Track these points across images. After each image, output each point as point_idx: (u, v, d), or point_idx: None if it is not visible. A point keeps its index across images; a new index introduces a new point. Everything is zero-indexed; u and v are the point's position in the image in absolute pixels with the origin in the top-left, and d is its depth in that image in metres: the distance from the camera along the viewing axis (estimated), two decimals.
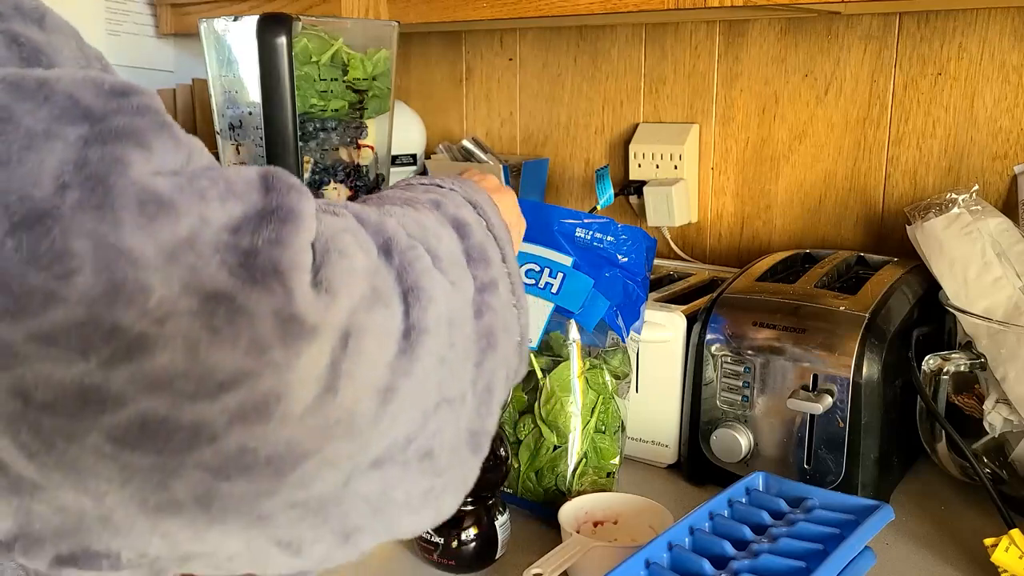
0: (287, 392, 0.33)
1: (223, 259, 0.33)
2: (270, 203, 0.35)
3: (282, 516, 0.35)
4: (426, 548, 0.76)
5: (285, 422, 0.33)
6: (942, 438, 0.82)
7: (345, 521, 0.38)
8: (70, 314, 0.30)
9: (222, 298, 0.32)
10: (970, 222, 0.86)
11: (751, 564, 0.64)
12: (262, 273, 0.33)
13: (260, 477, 0.33)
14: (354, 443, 0.35)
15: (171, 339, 0.31)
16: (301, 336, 0.33)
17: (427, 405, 0.39)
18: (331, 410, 0.34)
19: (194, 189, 0.34)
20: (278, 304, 0.33)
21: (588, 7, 0.98)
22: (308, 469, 0.34)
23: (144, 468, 0.32)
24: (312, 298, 0.34)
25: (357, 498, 0.37)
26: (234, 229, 0.34)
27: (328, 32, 0.98)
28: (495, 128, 1.47)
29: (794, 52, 1.15)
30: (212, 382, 0.32)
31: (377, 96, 1.04)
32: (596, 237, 0.83)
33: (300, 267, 0.34)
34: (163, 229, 0.32)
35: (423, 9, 1.12)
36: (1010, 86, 1.01)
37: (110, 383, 0.31)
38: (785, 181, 1.19)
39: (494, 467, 0.76)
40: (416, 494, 0.40)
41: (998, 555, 0.69)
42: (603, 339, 0.85)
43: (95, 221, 0.31)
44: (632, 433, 0.93)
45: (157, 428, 0.32)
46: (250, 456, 0.33)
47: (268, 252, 0.34)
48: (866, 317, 0.81)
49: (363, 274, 0.37)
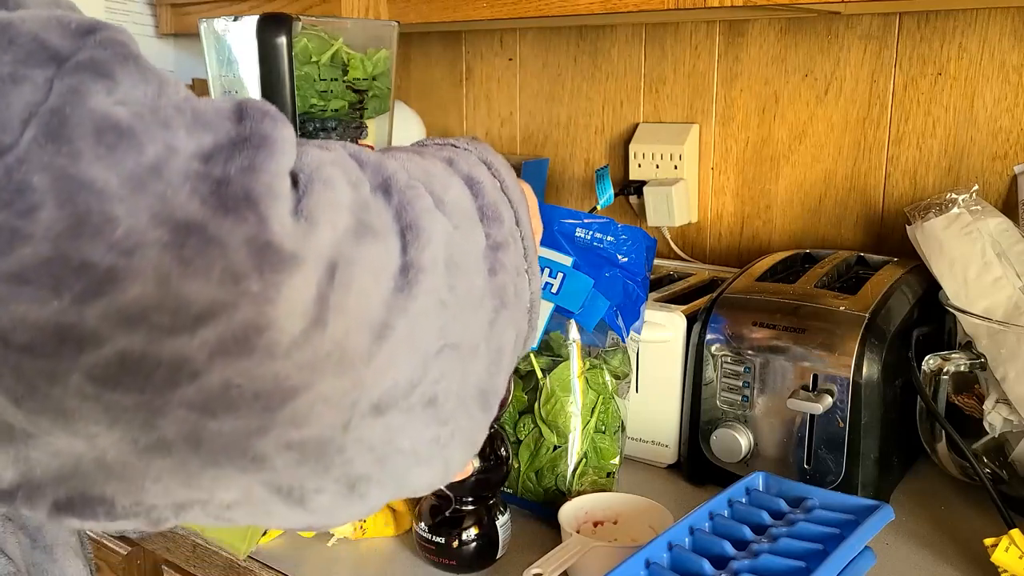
0: (269, 324, 0.32)
1: (193, 187, 0.32)
2: (243, 131, 0.34)
3: (278, 459, 0.34)
4: (427, 548, 0.76)
5: (270, 355, 0.32)
6: (942, 438, 0.82)
7: (349, 470, 0.36)
8: (38, 250, 0.30)
9: (193, 228, 0.31)
10: (970, 222, 0.86)
11: (751, 564, 0.64)
12: (234, 201, 0.32)
13: (248, 414, 0.32)
14: (347, 380, 0.34)
15: (141, 271, 0.31)
16: (278, 265, 0.32)
17: (428, 349, 0.38)
18: (320, 344, 0.33)
19: (158, 118, 0.33)
20: (251, 232, 0.32)
21: (588, 7, 0.98)
22: (300, 406, 0.33)
23: (128, 408, 0.32)
24: (289, 225, 0.33)
25: (360, 445, 0.36)
26: (205, 158, 0.33)
27: (328, 32, 0.98)
28: (495, 128, 1.47)
29: (794, 52, 1.15)
30: (187, 315, 0.31)
31: (377, 96, 1.04)
32: (596, 237, 0.83)
33: (275, 194, 0.33)
34: (125, 158, 0.31)
35: (423, 9, 1.12)
36: (1010, 86, 1.01)
37: (85, 320, 0.30)
38: (785, 181, 1.19)
39: (495, 467, 0.76)
40: (423, 444, 0.39)
41: (998, 555, 0.69)
42: (603, 339, 0.85)
43: (52, 154, 0.30)
44: (632, 433, 0.93)
45: (136, 366, 0.31)
46: (235, 392, 0.32)
47: (241, 179, 0.32)
48: (866, 317, 0.81)
49: (349, 206, 0.36)
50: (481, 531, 0.76)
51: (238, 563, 0.79)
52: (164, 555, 0.90)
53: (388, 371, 0.36)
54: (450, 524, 0.75)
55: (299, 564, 0.78)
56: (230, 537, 0.72)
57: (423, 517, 0.76)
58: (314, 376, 0.33)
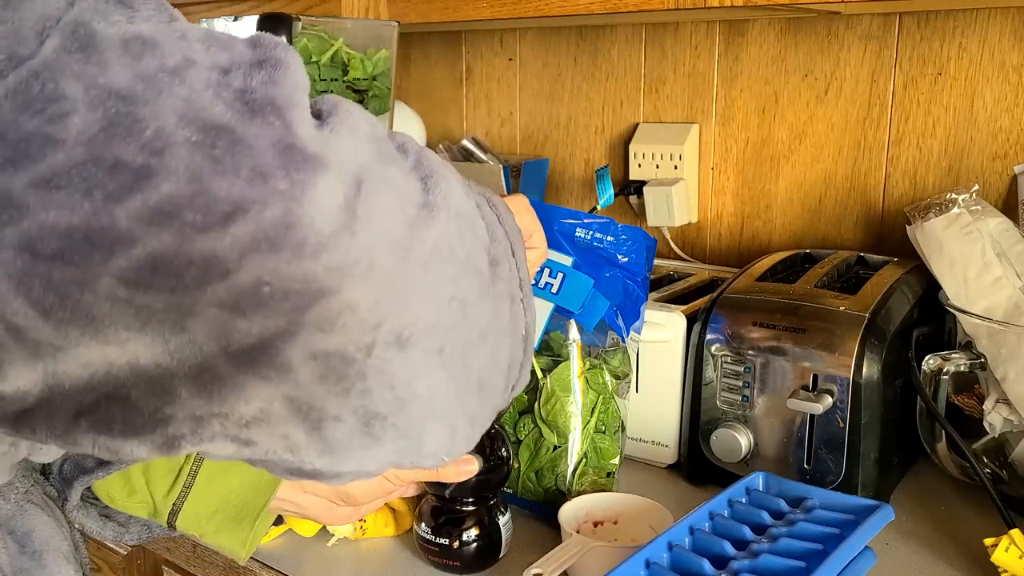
0: (298, 221, 0.33)
1: (216, 92, 0.33)
2: (259, 54, 0.36)
3: (302, 369, 0.34)
4: (429, 549, 0.76)
5: (299, 254, 0.33)
6: (942, 438, 0.82)
7: (367, 401, 0.36)
8: (70, 155, 0.31)
9: (221, 129, 0.33)
10: (970, 222, 0.86)
11: (751, 564, 0.64)
12: (259, 106, 0.34)
13: (277, 313, 0.33)
14: (373, 291, 0.35)
15: (173, 170, 0.31)
16: (303, 165, 0.33)
17: (442, 292, 0.38)
18: (348, 249, 0.34)
19: (176, 31, 0.34)
20: (277, 135, 0.33)
21: (588, 7, 0.98)
22: (327, 310, 0.33)
23: (159, 310, 0.32)
24: (313, 131, 0.34)
25: (381, 377, 0.36)
26: (224, 70, 0.34)
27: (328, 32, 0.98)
28: (495, 128, 1.47)
29: (794, 52, 1.15)
30: (218, 212, 0.32)
31: (377, 96, 1.04)
32: (596, 237, 0.83)
33: (297, 103, 0.35)
34: (150, 65, 0.33)
35: (423, 9, 1.12)
36: (1010, 86, 1.01)
37: (116, 221, 0.31)
38: (785, 181, 1.19)
39: (496, 467, 0.76)
40: (438, 394, 0.39)
41: (998, 555, 0.69)
42: (603, 339, 0.85)
43: (81, 63, 0.32)
44: (632, 433, 0.93)
45: (168, 265, 0.32)
46: (265, 290, 0.32)
47: (263, 89, 0.34)
48: (866, 317, 0.81)
49: (370, 137, 0.37)
50: (483, 531, 0.76)
51: (238, 563, 0.79)
52: (164, 555, 0.90)
53: (410, 298, 0.36)
54: (452, 525, 0.75)
55: (299, 564, 0.78)
56: (229, 542, 0.72)
57: (424, 518, 0.76)
58: (342, 281, 0.34)
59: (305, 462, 0.38)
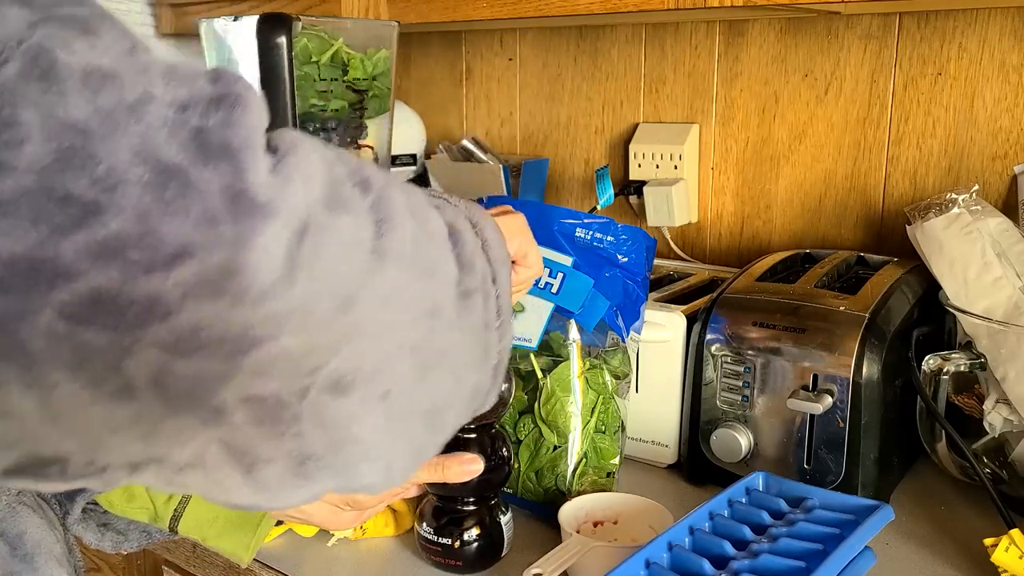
0: (241, 269, 0.33)
1: (172, 132, 0.33)
2: (219, 89, 0.35)
3: (237, 412, 0.35)
4: (431, 549, 0.76)
5: (239, 301, 0.33)
6: (942, 438, 0.82)
7: (301, 443, 0.37)
8: (20, 182, 0.30)
9: (173, 171, 0.32)
10: (970, 222, 0.86)
11: (751, 564, 0.64)
12: (213, 149, 0.33)
13: (214, 357, 0.33)
14: (310, 340, 0.35)
15: (122, 208, 0.31)
16: (252, 212, 0.33)
17: (391, 340, 0.39)
18: (289, 298, 0.34)
19: (138, 65, 0.34)
20: (228, 180, 0.33)
21: (588, 7, 0.98)
22: (263, 356, 0.34)
23: (98, 348, 0.32)
24: (265, 177, 0.34)
25: (315, 419, 0.37)
26: (181, 107, 0.34)
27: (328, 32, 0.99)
28: (495, 128, 1.47)
29: (794, 52, 1.15)
30: (164, 253, 0.32)
31: (377, 96, 1.04)
32: (596, 237, 0.83)
33: (252, 147, 0.34)
34: (109, 99, 0.32)
35: (423, 9, 1.12)
36: (1010, 86, 1.01)
37: (61, 254, 0.31)
38: (785, 181, 1.19)
39: (497, 467, 0.76)
40: (374, 437, 0.40)
41: (998, 555, 0.69)
42: (603, 339, 0.85)
43: (40, 92, 0.31)
44: (632, 433, 0.93)
45: (111, 302, 0.31)
46: (205, 333, 0.33)
47: (219, 131, 0.34)
48: (866, 317, 0.81)
49: (323, 180, 0.37)
50: (485, 531, 0.76)
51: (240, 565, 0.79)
52: (164, 555, 0.90)
53: (351, 345, 0.37)
54: (454, 525, 0.75)
55: (299, 564, 0.78)
56: (232, 546, 0.72)
57: (426, 518, 0.76)
58: (281, 329, 0.34)
59: (240, 499, 0.39)
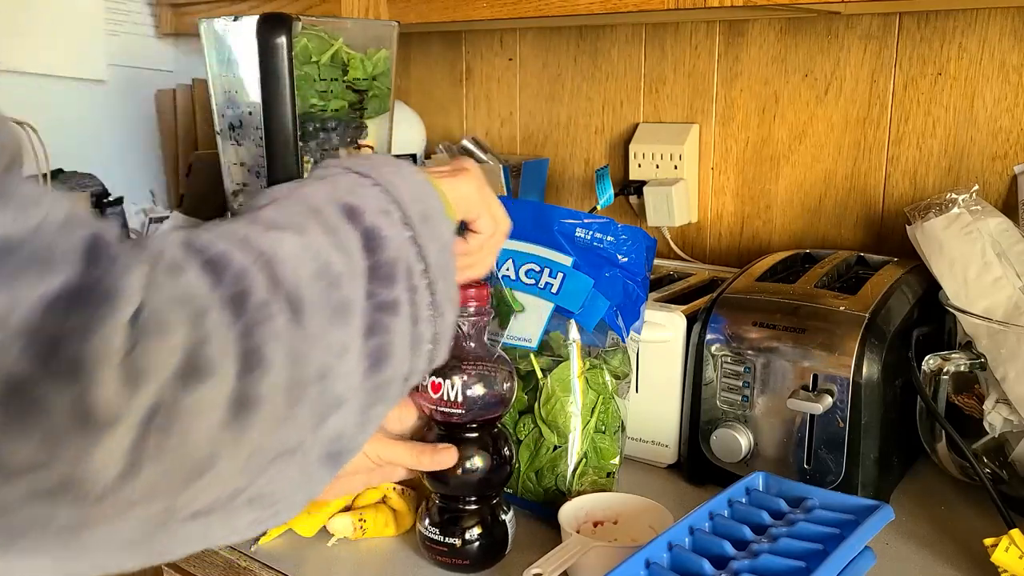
0: (81, 479, 0.33)
1: (27, 343, 0.32)
2: (89, 279, 0.34)
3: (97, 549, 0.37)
4: (435, 549, 0.76)
5: (80, 502, 0.34)
6: (942, 438, 0.82)
7: (162, 550, 0.40)
8: None
9: (19, 387, 0.32)
10: (970, 222, 0.86)
11: (751, 564, 0.64)
12: (64, 364, 0.33)
13: (54, 540, 0.35)
14: (157, 508, 0.36)
15: None
16: (97, 429, 0.33)
17: (260, 462, 0.40)
18: (130, 491, 0.35)
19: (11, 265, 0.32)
20: (75, 397, 0.33)
21: (588, 7, 0.98)
22: (103, 533, 0.35)
23: None
24: (114, 389, 0.33)
25: (174, 538, 0.39)
26: (47, 308, 0.33)
27: (328, 32, 0.98)
28: (495, 128, 1.47)
29: (794, 52, 1.15)
30: (4, 468, 0.32)
31: (377, 96, 1.04)
32: (596, 237, 0.83)
33: (105, 357, 0.33)
34: None
35: (423, 9, 1.12)
36: (1010, 86, 1.01)
37: None
38: (785, 181, 1.19)
39: (498, 466, 0.76)
40: (241, 527, 0.42)
41: (998, 555, 0.69)
42: (603, 339, 0.85)
43: None
44: (632, 433, 0.93)
45: None
46: (42, 521, 0.34)
47: (73, 342, 0.33)
48: (866, 317, 0.80)
49: (183, 347, 0.36)
50: (488, 529, 0.76)
51: (238, 563, 0.79)
52: None
53: (209, 492, 0.38)
54: (457, 524, 0.75)
55: (299, 564, 0.78)
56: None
57: (429, 518, 0.76)
58: (125, 512, 0.35)
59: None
